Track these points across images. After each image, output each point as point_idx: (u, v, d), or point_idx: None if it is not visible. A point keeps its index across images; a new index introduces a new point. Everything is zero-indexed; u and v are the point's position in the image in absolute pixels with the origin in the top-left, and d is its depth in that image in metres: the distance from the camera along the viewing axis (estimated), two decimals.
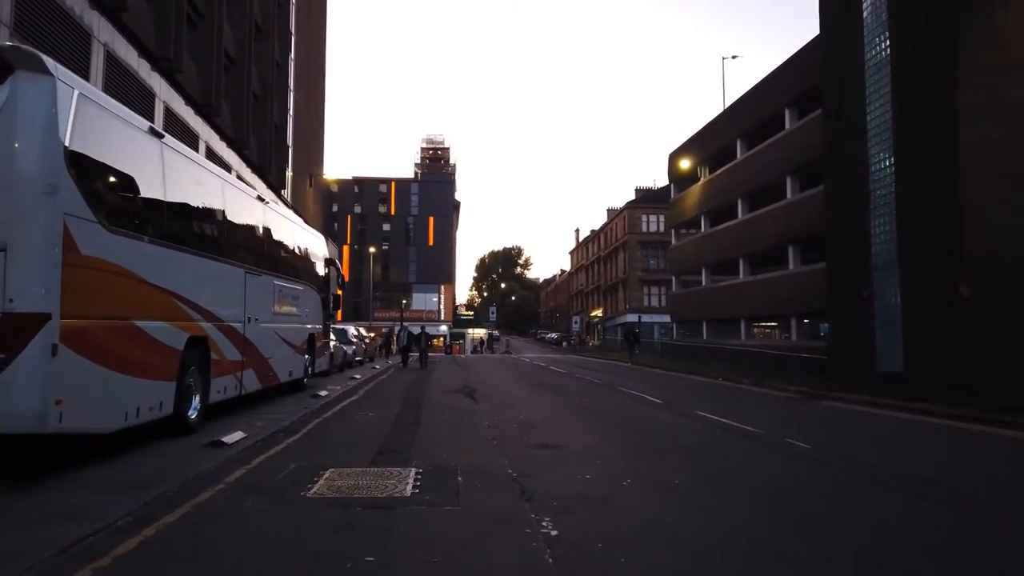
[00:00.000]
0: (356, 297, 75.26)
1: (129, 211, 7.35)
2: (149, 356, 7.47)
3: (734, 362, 28.36)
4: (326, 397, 13.72)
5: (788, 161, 30.49)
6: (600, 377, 22.41)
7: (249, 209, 11.29)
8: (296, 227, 14.38)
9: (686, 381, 21.61)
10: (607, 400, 15.08)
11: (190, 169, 8.93)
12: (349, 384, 17.31)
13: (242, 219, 10.86)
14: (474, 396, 15.22)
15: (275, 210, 12.98)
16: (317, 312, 15.88)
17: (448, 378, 21.38)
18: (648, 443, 9.01)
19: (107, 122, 7.00)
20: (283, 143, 32.73)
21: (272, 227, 12.43)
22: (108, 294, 6.72)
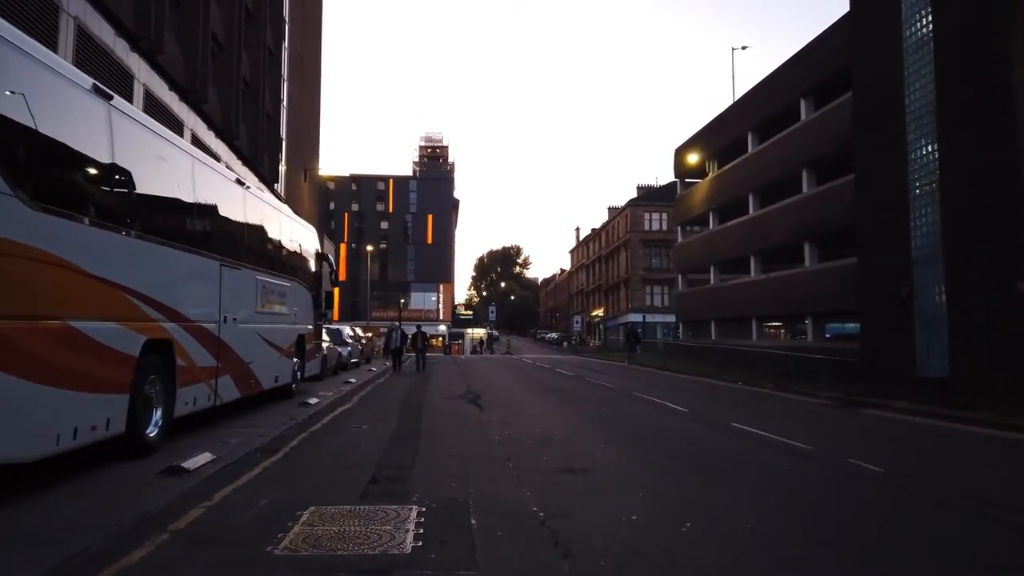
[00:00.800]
0: (354, 296, 73.92)
1: (63, 187, 6.00)
2: (92, 364, 6.10)
3: (748, 364, 27.02)
4: (316, 405, 12.35)
5: (804, 154, 29.17)
6: (611, 380, 21.07)
7: (226, 193, 9.93)
8: (283, 217, 13.01)
9: (703, 385, 20.26)
10: (626, 408, 13.73)
11: (149, 141, 7.55)
12: (343, 389, 15.94)
13: (217, 204, 9.50)
14: (479, 403, 13.87)
15: (258, 197, 11.61)
16: (307, 311, 14.52)
17: (449, 382, 20.03)
18: (690, 466, 7.65)
19: (35, 75, 5.62)
20: (276, 135, 31.35)
21: (254, 215, 11.06)
22: (32, 288, 5.36)
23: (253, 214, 10.97)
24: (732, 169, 36.74)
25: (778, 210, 31.28)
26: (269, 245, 11.99)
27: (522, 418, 11.61)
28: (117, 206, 6.80)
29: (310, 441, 8.78)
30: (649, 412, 12.97)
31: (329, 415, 11.45)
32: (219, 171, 9.91)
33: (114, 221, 6.62)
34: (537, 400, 14.98)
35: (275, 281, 11.98)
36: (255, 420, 10.18)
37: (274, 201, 13.05)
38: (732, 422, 11.26)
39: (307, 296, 14.49)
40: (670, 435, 10.00)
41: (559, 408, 13.48)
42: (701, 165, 40.75)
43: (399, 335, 25.18)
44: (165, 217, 7.98)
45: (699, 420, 11.79)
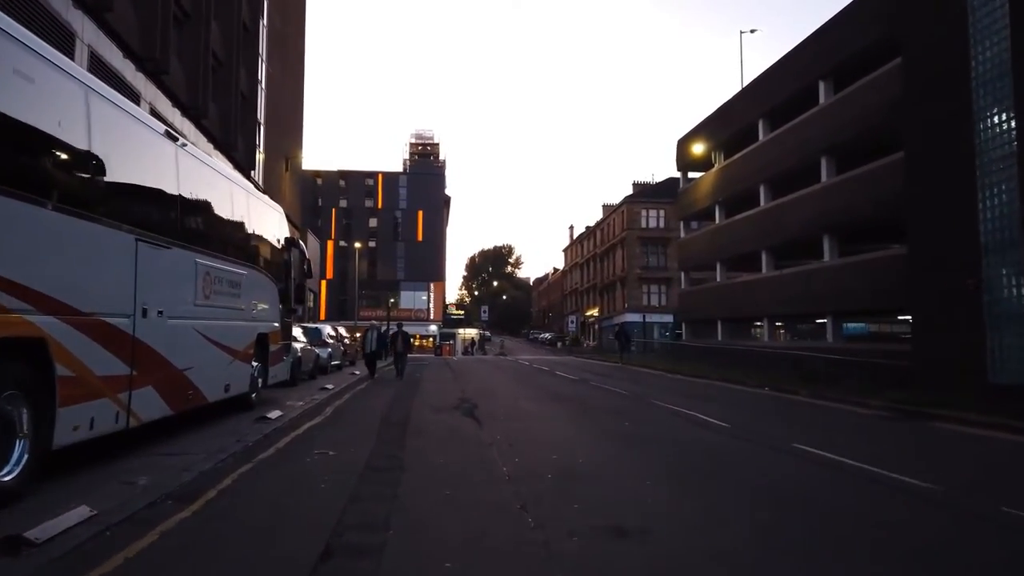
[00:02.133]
0: (341, 295, 71.46)
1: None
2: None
3: (762, 366, 24.85)
4: (277, 420, 10.03)
5: (823, 140, 27.06)
6: (620, 385, 18.80)
7: (146, 146, 7.60)
8: (237, 189, 10.64)
9: (725, 391, 18.04)
10: (652, 422, 11.48)
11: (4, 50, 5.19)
12: (316, 398, 13.61)
13: (131, 158, 7.18)
14: (476, 415, 11.59)
15: (199, 159, 9.26)
16: (272, 306, 12.19)
17: (440, 388, 17.74)
18: (787, 522, 5.38)
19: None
20: (252, 118, 28.95)
21: (193, 182, 8.73)
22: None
23: (191, 180, 8.63)
24: (740, 159, 34.62)
25: (793, 201, 29.17)
26: (216, 222, 9.66)
27: (532, 438, 9.34)
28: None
29: (250, 478, 6.46)
30: (683, 428, 10.71)
31: (290, 434, 9.12)
32: (136, 116, 7.55)
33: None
34: (545, 411, 12.71)
35: (225, 267, 9.64)
36: (189, 444, 7.86)
37: (226, 170, 10.67)
38: (793, 442, 9.02)
39: (271, 288, 12.16)
40: (730, 465, 7.71)
41: (574, 422, 11.21)
42: (706, 156, 38.62)
43: (375, 335, 21.07)
44: (35, 164, 5.65)
45: (751, 440, 9.54)
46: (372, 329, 21.43)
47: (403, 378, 20.32)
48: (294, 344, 16.61)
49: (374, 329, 21.41)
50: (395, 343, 21.38)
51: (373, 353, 20.81)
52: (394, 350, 21.50)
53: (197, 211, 8.92)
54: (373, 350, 20.76)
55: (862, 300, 24.74)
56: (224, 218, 9.91)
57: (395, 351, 21.47)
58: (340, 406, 12.81)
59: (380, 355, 21.22)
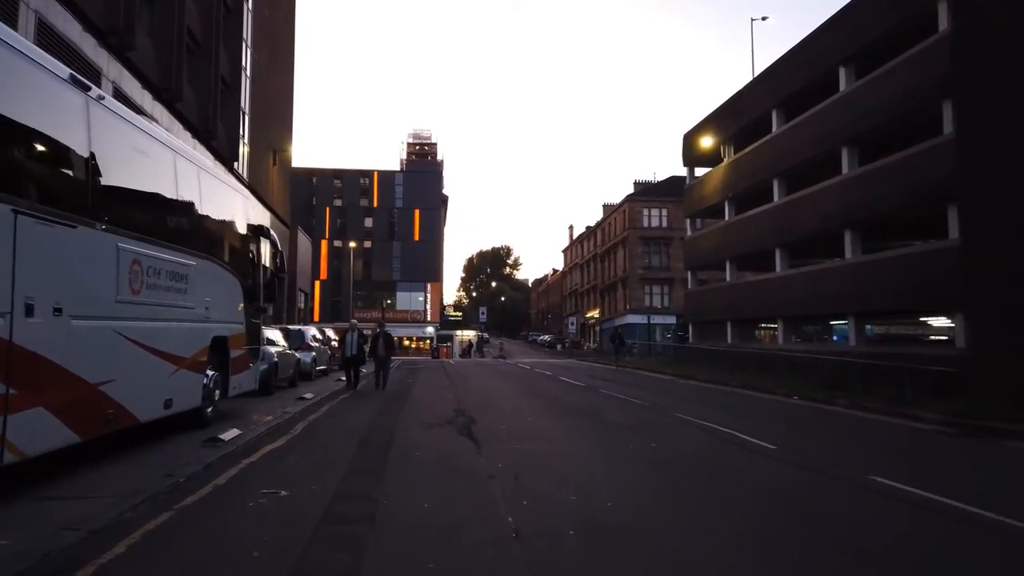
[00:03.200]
0: (335, 296, 69.64)
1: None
2: None
3: (783, 371, 23.06)
4: (230, 442, 8.23)
5: (844, 129, 25.31)
6: (634, 393, 16.99)
7: (38, 93, 5.79)
8: (184, 162, 8.80)
9: (749, 400, 16.24)
10: (684, 442, 9.67)
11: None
12: (289, 411, 11.81)
13: (12, 106, 5.37)
14: (474, 434, 9.79)
15: (124, 118, 7.42)
16: (233, 304, 10.40)
17: (434, 396, 15.95)
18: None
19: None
20: (235, 106, 27.14)
21: (115, 144, 6.93)
22: None
23: (111, 142, 6.84)
24: (752, 152, 32.87)
25: (811, 195, 27.42)
26: (152, 200, 7.86)
27: (543, 466, 7.55)
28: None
29: (155, 541, 4.64)
30: (724, 452, 8.90)
31: (240, 463, 7.32)
32: (22, 50, 5.71)
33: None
34: (554, 428, 10.90)
35: (164, 256, 7.84)
36: (102, 480, 6.06)
37: (170, 138, 8.77)
38: (868, 473, 7.23)
39: (232, 284, 10.36)
40: (810, 516, 5.82)
41: (591, 443, 9.41)
42: (715, 150, 36.87)
43: (355, 337, 17.44)
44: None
45: (814, 470, 7.73)
46: (352, 331, 17.87)
47: (386, 388, 17.51)
48: (268, 348, 14.83)
49: (354, 331, 17.85)
50: (376, 347, 17.91)
51: (353, 358, 17.44)
52: (375, 355, 18.07)
53: (120, 182, 7.11)
54: (353, 355, 17.39)
55: (887, 300, 23.01)
56: (164, 195, 8.11)
57: (376, 356, 18.03)
58: (315, 421, 10.99)
59: (362, 360, 17.97)
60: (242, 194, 11.14)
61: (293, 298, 39.44)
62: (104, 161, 6.62)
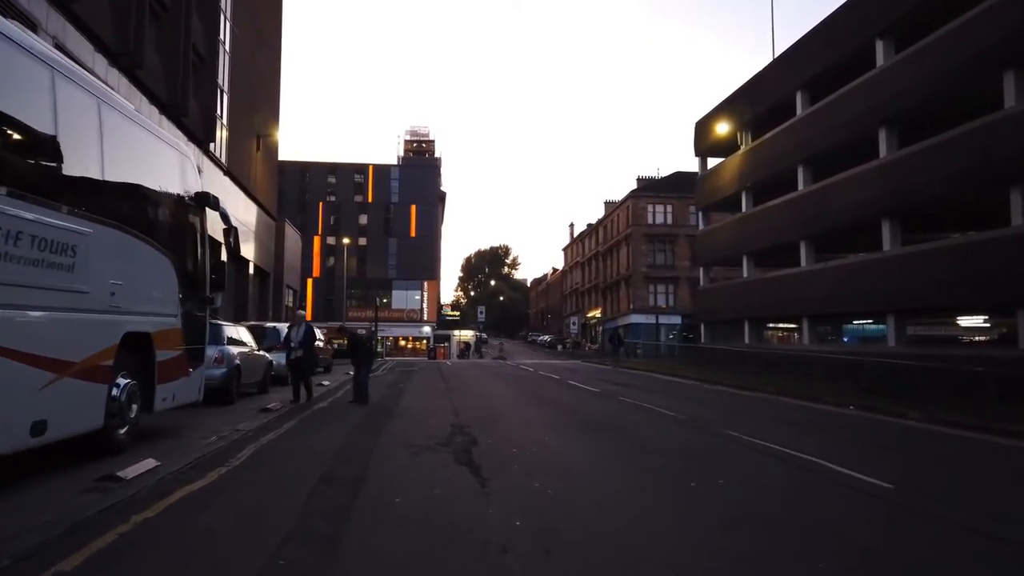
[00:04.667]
0: (329, 295, 67.12)
1: None
2: None
3: (821, 375, 20.67)
4: (128, 486, 5.82)
5: (880, 109, 22.99)
6: (662, 402, 14.55)
7: None
8: (71, 87, 6.30)
9: (800, 412, 13.81)
10: (761, 478, 7.24)
11: None
12: (243, 427, 9.39)
13: None
14: (475, 463, 7.38)
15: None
16: (159, 291, 7.99)
17: (427, 405, 13.52)
18: None
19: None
20: (211, 83, 24.66)
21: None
22: None
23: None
24: (773, 138, 30.52)
25: (842, 183, 25.08)
26: (10, 133, 5.41)
27: (580, 524, 5.15)
28: None
29: None
30: (827, 495, 6.42)
31: (125, 523, 4.87)
32: None
33: None
34: (579, 452, 8.47)
35: (31, 217, 5.41)
36: None
37: (52, 54, 6.19)
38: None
39: (159, 265, 7.93)
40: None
41: (636, 480, 6.98)
42: (730, 138, 34.53)
43: (302, 333, 13.31)
44: None
45: (981, 531, 5.31)
46: (297, 325, 13.76)
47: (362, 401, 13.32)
48: (229, 349, 12.40)
49: (299, 325, 13.70)
50: (357, 350, 14.31)
51: (297, 362, 13.26)
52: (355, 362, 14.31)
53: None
54: (297, 357, 13.20)
55: (933, 296, 20.66)
56: (33, 128, 5.66)
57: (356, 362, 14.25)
58: (270, 444, 8.53)
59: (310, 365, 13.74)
60: (177, 149, 8.67)
61: (280, 295, 36.96)
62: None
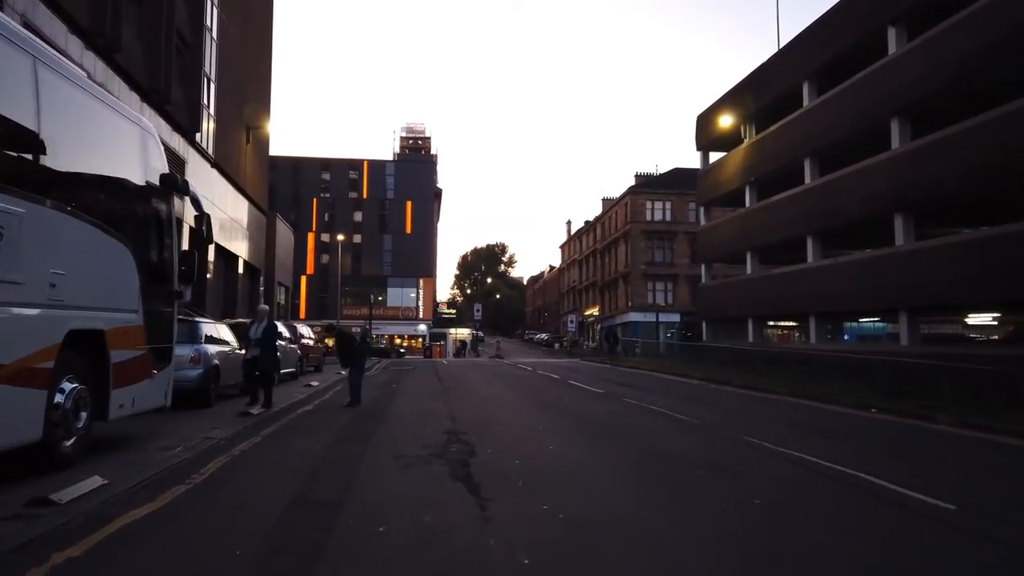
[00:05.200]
0: (323, 292, 66.17)
1: None
2: None
3: (833, 375, 19.80)
4: (60, 512, 4.90)
5: (893, 99, 22.12)
6: (673, 405, 13.63)
7: None
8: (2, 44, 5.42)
9: (823, 415, 12.90)
10: (801, 495, 6.33)
11: None
12: (212, 437, 8.47)
13: None
14: (474, 478, 6.48)
15: None
16: (115, 283, 7.07)
17: (420, 409, 12.59)
18: None
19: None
20: (196, 70, 23.66)
21: None
22: None
23: None
24: (779, 131, 29.65)
25: (852, 176, 24.21)
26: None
27: (597, 558, 4.23)
28: None
29: None
30: (901, 526, 5.51)
31: (45, 560, 3.95)
32: None
33: None
34: (590, 463, 7.57)
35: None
36: None
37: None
38: None
39: (116, 254, 7.01)
40: None
41: (658, 499, 6.07)
42: (733, 132, 33.63)
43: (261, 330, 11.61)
44: None
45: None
46: (259, 320, 11.86)
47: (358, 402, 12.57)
48: (206, 348, 11.47)
49: (260, 320, 11.84)
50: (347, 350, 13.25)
51: (253, 363, 11.55)
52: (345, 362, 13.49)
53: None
54: (254, 356, 11.53)
55: (951, 293, 19.82)
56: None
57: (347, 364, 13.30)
58: (242, 455, 7.60)
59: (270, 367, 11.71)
60: (138, 124, 7.72)
61: (272, 292, 36.01)
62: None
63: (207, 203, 24.78)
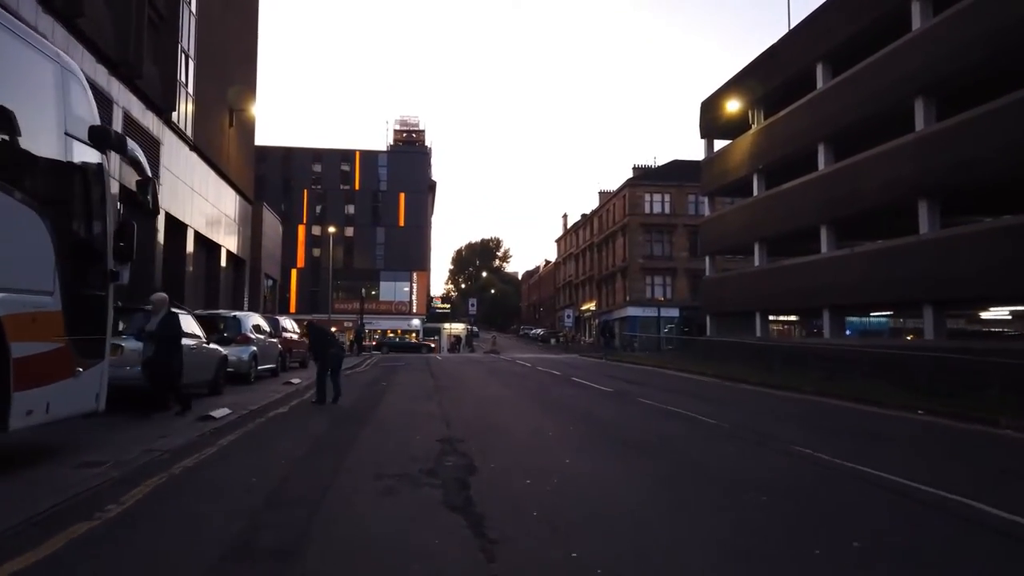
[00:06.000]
0: (314, 286, 64.52)
1: None
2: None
3: (858, 372, 18.41)
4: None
5: (918, 78, 20.72)
6: (693, 406, 12.20)
7: None
8: None
9: (865, 418, 11.49)
10: (909, 535, 4.89)
11: None
12: (157, 448, 6.99)
13: None
14: (475, 508, 5.03)
15: None
16: (23, 260, 5.58)
17: (410, 411, 11.11)
18: None
19: None
20: (172, 44, 22.03)
21: None
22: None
23: None
24: (790, 115, 28.22)
25: (870, 161, 22.82)
26: None
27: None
28: None
29: None
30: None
31: None
32: None
33: None
34: (621, 487, 6.10)
35: None
36: None
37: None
38: None
39: (25, 222, 5.53)
40: None
41: (718, 538, 4.62)
42: (740, 117, 32.18)
43: (156, 323, 9.46)
44: None
45: None
46: (156, 312, 9.63)
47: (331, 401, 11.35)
48: None
49: (160, 311, 9.60)
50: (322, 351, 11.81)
51: (150, 364, 9.34)
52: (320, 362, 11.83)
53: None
54: (151, 356, 9.30)
55: (982, 284, 18.46)
56: None
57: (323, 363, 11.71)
58: (183, 474, 6.07)
59: (168, 368, 9.43)
60: (56, 61, 6.15)
61: (258, 285, 34.43)
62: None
63: (185, 188, 23.54)
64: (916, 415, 11.45)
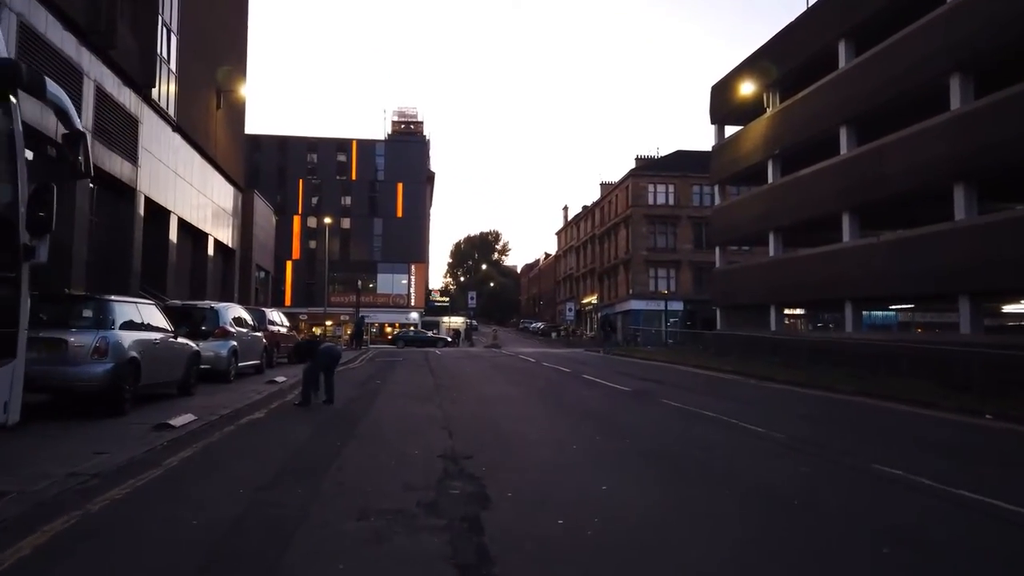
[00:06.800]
0: (310, 279, 63.05)
1: None
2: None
3: (894, 369, 16.99)
4: None
5: (951, 53, 19.25)
6: (729, 409, 10.75)
7: None
8: None
9: (916, 420, 10.11)
10: None
11: None
12: (83, 471, 5.54)
13: None
14: (490, 565, 3.53)
15: None
16: None
17: (406, 416, 9.67)
18: None
19: None
20: (151, 16, 20.42)
21: None
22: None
23: None
24: (808, 97, 26.72)
25: (899, 142, 21.33)
26: None
27: None
28: None
29: None
30: None
31: None
32: None
33: None
34: (679, 522, 4.69)
35: None
36: None
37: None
38: None
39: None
40: None
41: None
42: (754, 100, 30.64)
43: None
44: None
45: None
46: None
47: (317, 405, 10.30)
48: (118, 335, 8.52)
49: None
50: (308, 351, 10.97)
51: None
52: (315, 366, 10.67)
53: None
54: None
55: (1010, 274, 17.05)
56: None
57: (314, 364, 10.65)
58: (101, 514, 4.59)
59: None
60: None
61: (248, 276, 32.92)
62: None
63: (167, 171, 22.02)
64: (985, 420, 10.03)
